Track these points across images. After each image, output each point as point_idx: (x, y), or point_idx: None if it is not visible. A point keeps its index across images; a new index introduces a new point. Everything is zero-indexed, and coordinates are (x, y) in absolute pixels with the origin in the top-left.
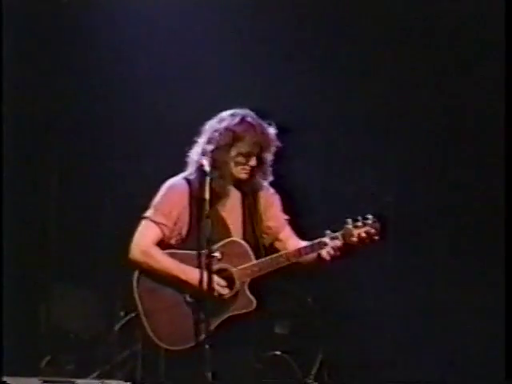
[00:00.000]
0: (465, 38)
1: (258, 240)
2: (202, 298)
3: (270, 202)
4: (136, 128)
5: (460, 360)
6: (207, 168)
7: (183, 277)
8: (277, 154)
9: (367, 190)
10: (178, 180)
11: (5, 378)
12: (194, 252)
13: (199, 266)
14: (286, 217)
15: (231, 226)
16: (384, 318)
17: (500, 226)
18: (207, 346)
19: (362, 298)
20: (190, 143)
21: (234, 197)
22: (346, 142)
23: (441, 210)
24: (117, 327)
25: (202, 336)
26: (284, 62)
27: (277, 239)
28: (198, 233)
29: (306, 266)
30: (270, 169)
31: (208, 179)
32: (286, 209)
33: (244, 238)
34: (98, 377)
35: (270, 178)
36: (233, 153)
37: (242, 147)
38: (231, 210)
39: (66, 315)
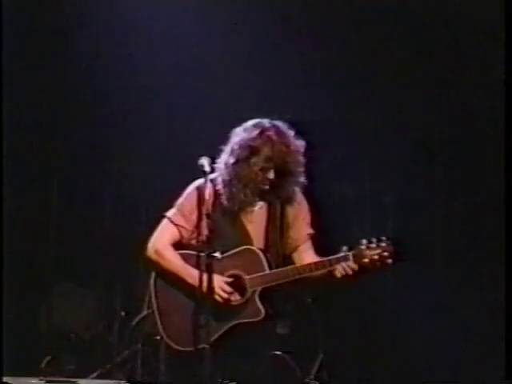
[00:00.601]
0: (465, 38)
1: (279, 250)
2: (209, 303)
3: (298, 213)
4: (137, 128)
5: (460, 360)
6: (207, 169)
7: (190, 280)
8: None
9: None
10: (202, 182)
11: (5, 378)
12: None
13: (209, 269)
14: (310, 231)
15: (253, 235)
16: (384, 318)
17: (501, 227)
18: (207, 346)
19: (362, 298)
20: (190, 144)
21: (260, 206)
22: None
23: (441, 210)
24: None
25: (208, 341)
26: (290, 67)
27: (295, 250)
28: (218, 236)
29: (318, 280)
30: (301, 179)
31: (208, 180)
32: (314, 222)
33: (265, 248)
34: (98, 377)
35: (301, 188)
36: (251, 165)
37: (257, 161)
38: (255, 219)
39: (66, 315)
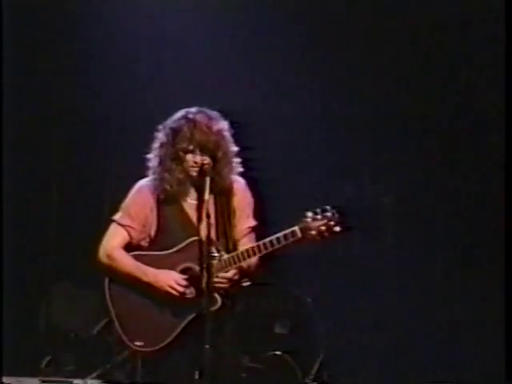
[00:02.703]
0: (464, 37)
1: (229, 241)
2: (167, 299)
3: (239, 205)
4: (136, 130)
5: (460, 360)
6: (207, 168)
7: (145, 278)
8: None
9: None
10: (145, 181)
11: (5, 378)
12: (162, 252)
13: (165, 267)
14: (251, 224)
15: (201, 227)
16: (384, 318)
17: (500, 227)
18: (207, 346)
19: (362, 299)
20: None
21: (207, 199)
22: (345, 143)
23: (440, 210)
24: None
25: (170, 337)
26: (280, 63)
27: (237, 244)
28: (166, 233)
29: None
30: (234, 163)
31: (208, 179)
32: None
33: (217, 239)
34: (98, 377)
35: (237, 170)
36: (174, 150)
37: (178, 144)
38: (198, 208)
39: (66, 315)
